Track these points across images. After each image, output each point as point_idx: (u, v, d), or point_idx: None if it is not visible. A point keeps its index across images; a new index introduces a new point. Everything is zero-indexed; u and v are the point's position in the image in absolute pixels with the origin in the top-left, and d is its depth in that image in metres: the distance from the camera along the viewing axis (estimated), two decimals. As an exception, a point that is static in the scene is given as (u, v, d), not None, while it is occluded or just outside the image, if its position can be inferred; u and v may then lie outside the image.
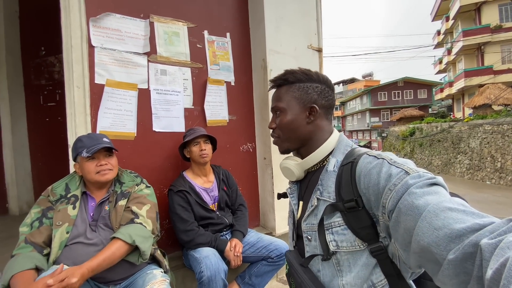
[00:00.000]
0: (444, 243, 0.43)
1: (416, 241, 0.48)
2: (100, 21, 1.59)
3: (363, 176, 0.63)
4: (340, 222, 0.67)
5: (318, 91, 0.78)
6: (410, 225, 0.50)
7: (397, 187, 0.55)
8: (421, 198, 0.50)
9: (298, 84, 0.79)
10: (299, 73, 0.79)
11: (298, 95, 0.78)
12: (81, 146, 1.21)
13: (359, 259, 0.65)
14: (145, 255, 1.20)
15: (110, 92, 1.61)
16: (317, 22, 2.45)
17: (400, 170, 0.57)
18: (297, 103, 0.78)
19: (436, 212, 0.47)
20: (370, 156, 0.66)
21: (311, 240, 0.73)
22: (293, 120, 0.78)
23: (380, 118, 28.90)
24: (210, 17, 2.05)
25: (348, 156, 0.72)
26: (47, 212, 1.18)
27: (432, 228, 0.46)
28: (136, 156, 1.70)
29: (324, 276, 0.71)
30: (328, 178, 0.72)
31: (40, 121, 2.98)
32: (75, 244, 1.17)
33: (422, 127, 14.93)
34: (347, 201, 0.65)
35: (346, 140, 0.78)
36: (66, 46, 1.51)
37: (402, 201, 0.53)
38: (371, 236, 0.63)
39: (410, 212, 0.50)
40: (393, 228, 0.56)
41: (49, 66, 3.00)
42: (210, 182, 1.74)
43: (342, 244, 0.66)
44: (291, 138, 0.79)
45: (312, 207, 0.73)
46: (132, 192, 1.31)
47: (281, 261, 1.65)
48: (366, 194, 0.62)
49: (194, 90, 1.95)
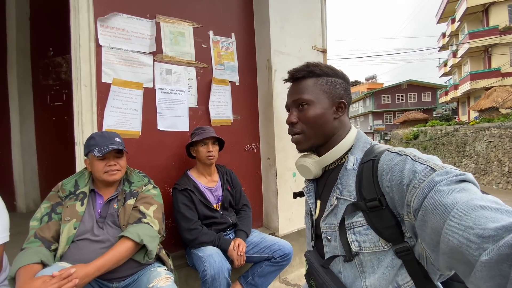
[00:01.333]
0: (476, 243, 0.40)
1: (445, 241, 0.45)
2: (107, 21, 1.61)
3: (385, 173, 0.60)
4: (362, 222, 0.64)
5: (344, 87, 0.77)
6: (438, 224, 0.47)
7: (422, 184, 0.52)
8: (449, 196, 0.47)
9: (326, 78, 0.75)
10: (324, 66, 0.76)
11: (327, 88, 0.75)
12: (93, 144, 1.24)
13: (383, 260, 0.63)
14: (151, 254, 1.22)
15: (117, 91, 1.63)
16: (321, 23, 2.46)
17: (425, 166, 0.54)
18: (326, 97, 0.74)
19: (466, 211, 0.44)
20: (392, 152, 0.63)
21: (330, 240, 0.71)
22: (322, 114, 0.74)
23: (383, 121, 28.74)
24: (216, 18, 2.06)
25: (368, 153, 0.69)
26: (56, 207, 1.20)
27: (462, 228, 0.43)
28: (141, 154, 1.71)
29: (346, 277, 0.68)
30: (347, 177, 0.70)
31: (47, 120, 3.03)
32: (81, 240, 1.18)
33: (426, 130, 14.81)
34: (369, 200, 0.62)
35: (365, 137, 0.76)
36: (75, 45, 1.53)
37: (428, 199, 0.50)
38: (395, 236, 0.60)
39: (437, 211, 0.48)
40: (420, 228, 0.52)
41: (56, 66, 3.05)
42: (214, 181, 1.74)
43: (365, 244, 0.64)
44: (317, 133, 0.75)
45: (331, 206, 0.71)
46: (140, 192, 1.33)
47: (284, 261, 1.65)
48: (389, 192, 0.59)
49: (199, 90, 1.96)
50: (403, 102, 27.99)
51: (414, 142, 15.64)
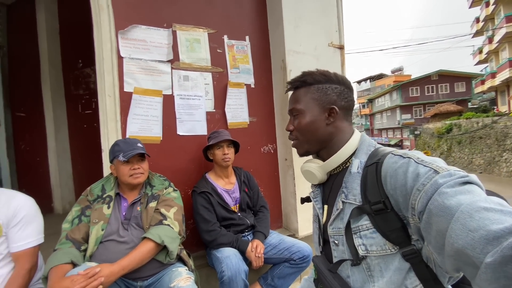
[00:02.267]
0: (481, 245, 0.40)
1: (450, 244, 0.46)
2: (127, 33, 1.70)
3: (389, 176, 0.61)
4: (368, 225, 0.65)
5: (338, 92, 0.77)
6: (443, 227, 0.47)
7: (426, 187, 0.52)
8: (453, 198, 0.47)
9: (316, 86, 0.78)
10: (318, 74, 0.78)
11: (317, 96, 0.77)
12: (118, 150, 1.33)
13: (391, 264, 0.63)
14: (172, 254, 1.27)
15: (138, 99, 1.72)
16: (337, 19, 2.40)
17: (429, 169, 0.54)
18: (316, 105, 0.77)
19: (470, 213, 0.44)
20: (396, 155, 0.63)
21: (338, 244, 0.71)
22: (312, 121, 0.77)
23: (412, 114, 27.24)
24: (230, 22, 2.09)
25: (372, 156, 0.69)
26: (85, 210, 1.30)
27: (466, 230, 0.43)
28: (162, 159, 1.79)
29: (354, 282, 0.68)
30: (352, 180, 0.70)
31: (79, 127, 3.25)
32: (108, 241, 1.27)
33: (460, 123, 13.83)
34: (374, 203, 0.63)
35: (369, 140, 0.76)
36: (98, 58, 1.64)
37: (432, 201, 0.50)
38: (402, 239, 0.60)
39: (441, 213, 0.48)
40: (425, 230, 0.53)
41: (85, 77, 3.26)
42: (231, 183, 1.78)
43: (371, 248, 0.64)
44: (310, 140, 0.78)
45: (337, 210, 0.71)
46: (161, 195, 1.40)
47: (304, 263, 1.64)
48: (394, 195, 0.60)
49: (215, 94, 2.01)
50: (434, 94, 26.34)
51: (447, 136, 14.69)
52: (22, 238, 1.16)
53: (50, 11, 3.12)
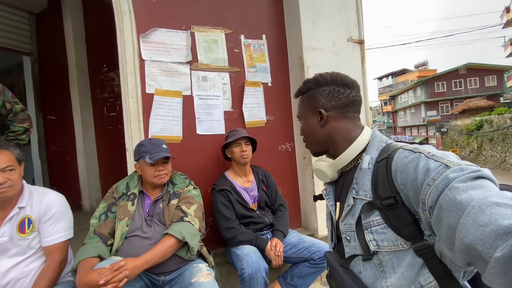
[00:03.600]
0: (491, 240, 0.40)
1: (460, 239, 0.46)
2: (148, 36, 1.76)
3: (399, 171, 0.61)
4: (379, 221, 0.64)
5: (325, 94, 0.79)
6: (454, 222, 0.47)
7: (437, 181, 0.52)
8: (464, 193, 0.47)
9: (308, 93, 0.83)
10: (311, 81, 0.83)
11: (308, 103, 0.83)
12: (144, 151, 1.38)
13: (403, 259, 0.62)
14: (193, 250, 1.30)
15: (159, 100, 1.77)
16: (357, 13, 2.33)
17: (439, 163, 0.54)
18: (308, 111, 0.83)
19: (481, 208, 0.43)
20: (406, 150, 0.63)
21: (350, 240, 0.72)
22: (308, 127, 0.83)
23: (438, 111, 25.91)
24: (246, 21, 2.10)
25: (383, 152, 0.69)
26: (111, 207, 1.36)
27: (477, 225, 0.43)
28: (182, 157, 1.84)
29: (366, 277, 0.68)
30: (363, 176, 0.70)
31: (105, 129, 3.41)
32: (133, 236, 1.32)
33: (492, 119, 12.98)
34: (384, 199, 0.63)
35: (380, 135, 0.76)
36: (122, 62, 1.71)
37: (443, 196, 0.50)
38: (414, 234, 0.60)
39: (452, 208, 0.47)
40: (436, 225, 0.53)
41: (110, 81, 3.41)
42: (249, 182, 1.78)
43: (383, 243, 0.64)
44: (312, 142, 0.84)
45: (348, 206, 0.72)
46: (182, 192, 1.44)
47: (324, 263, 1.61)
48: (404, 190, 0.60)
49: (233, 94, 2.03)
50: (462, 89, 24.90)
51: (477, 133, 13.84)
52: (53, 233, 1.24)
53: (76, 18, 3.30)
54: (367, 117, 2.33)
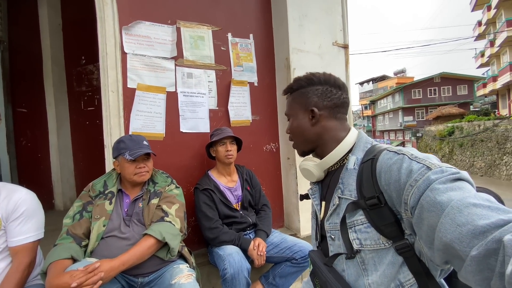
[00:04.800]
0: (467, 239, 0.43)
1: (439, 238, 0.48)
2: (131, 29, 1.69)
3: (383, 172, 0.62)
4: (362, 220, 0.66)
5: (319, 93, 0.79)
6: (433, 221, 0.49)
7: (418, 183, 0.54)
8: (444, 194, 0.49)
9: (300, 90, 0.82)
10: (303, 79, 0.82)
11: (299, 101, 0.82)
12: (123, 147, 1.32)
13: (384, 258, 0.64)
14: (173, 251, 1.26)
15: (141, 96, 1.71)
16: (342, 18, 2.38)
17: (422, 165, 0.56)
18: (299, 109, 0.82)
19: (459, 208, 0.46)
20: (391, 151, 0.65)
21: (334, 239, 0.73)
22: (298, 125, 0.82)
23: (415, 117, 27.20)
24: (234, 20, 2.08)
25: (368, 153, 0.71)
26: (87, 206, 1.29)
27: (455, 225, 0.45)
28: (165, 155, 1.78)
29: (349, 275, 0.70)
30: (348, 176, 0.72)
31: (81, 124, 3.25)
32: (110, 237, 1.26)
33: (462, 126, 13.81)
34: (368, 198, 0.64)
35: (366, 137, 0.78)
36: (102, 54, 1.63)
37: (424, 197, 0.52)
38: (395, 233, 0.62)
39: (432, 208, 0.50)
40: (417, 225, 0.55)
41: (88, 73, 3.26)
42: (233, 181, 1.77)
43: (366, 242, 0.65)
44: (301, 141, 0.83)
45: (334, 206, 0.73)
46: (163, 191, 1.39)
47: (305, 263, 1.63)
48: (388, 190, 0.61)
49: (218, 92, 2.00)
50: (436, 96, 26.29)
51: (449, 139, 14.65)
52: (21, 233, 1.15)
53: (52, 6, 3.12)
54: (350, 119, 2.39)
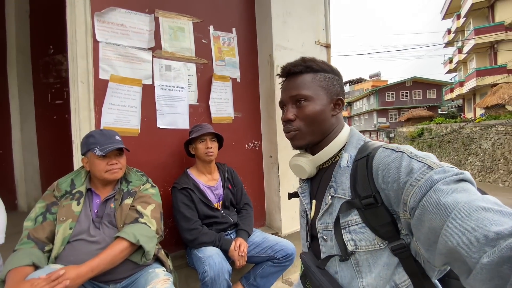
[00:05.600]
0: (477, 245, 0.40)
1: (443, 242, 0.45)
2: (105, 15, 1.57)
3: (381, 170, 0.59)
4: (357, 220, 0.63)
5: (340, 84, 0.75)
6: (437, 224, 0.46)
7: (420, 182, 0.51)
8: (449, 196, 0.46)
9: (323, 74, 0.73)
10: (320, 62, 0.74)
11: (325, 84, 0.72)
12: (93, 142, 1.21)
13: (379, 259, 0.61)
14: (149, 255, 1.18)
15: (115, 88, 1.59)
16: (325, 18, 2.39)
17: (423, 164, 0.53)
18: (324, 93, 0.72)
19: (468, 212, 0.43)
20: (388, 149, 0.61)
21: (327, 240, 0.70)
22: (321, 111, 0.71)
23: (388, 118, 28.48)
24: (216, 12, 2.01)
25: (362, 150, 0.68)
26: (51, 207, 1.17)
27: (463, 229, 0.42)
28: (140, 152, 1.68)
29: (342, 278, 0.67)
30: (342, 174, 0.68)
31: (48, 118, 3.01)
32: (77, 241, 1.15)
33: (431, 127, 14.64)
34: (364, 198, 0.61)
35: (358, 134, 0.74)
36: (71, 41, 1.50)
37: (427, 198, 0.49)
38: (391, 234, 0.59)
39: (436, 210, 0.47)
40: (415, 226, 0.52)
41: (57, 64, 3.02)
42: (214, 180, 1.70)
43: (360, 243, 0.62)
44: (315, 131, 0.72)
45: (326, 205, 0.69)
46: (138, 191, 1.30)
47: (287, 262, 1.61)
48: (385, 190, 0.58)
49: (199, 86, 1.92)
50: (408, 99, 27.69)
51: (419, 139, 15.47)
52: None
53: (19, -10, 2.86)
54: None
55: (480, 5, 16.82)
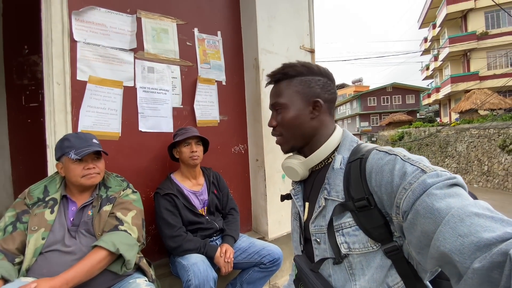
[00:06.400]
0: (469, 251, 0.40)
1: (436, 246, 0.45)
2: (83, 14, 1.51)
3: (374, 173, 0.59)
4: (351, 223, 0.62)
5: (321, 84, 0.74)
6: (429, 228, 0.47)
7: (413, 186, 0.51)
8: (442, 201, 0.47)
9: (299, 78, 0.74)
10: (299, 66, 0.74)
11: (300, 89, 0.73)
12: (68, 146, 1.14)
13: (372, 261, 0.61)
14: (129, 264, 1.12)
15: (93, 90, 1.52)
16: (309, 23, 2.43)
17: (416, 168, 0.53)
18: (300, 98, 0.73)
19: (461, 217, 0.43)
20: (381, 151, 0.62)
21: (320, 243, 0.69)
22: (296, 116, 0.73)
23: (370, 122, 29.38)
24: (201, 15, 1.99)
25: (355, 152, 0.68)
26: (22, 216, 1.10)
27: (456, 235, 0.43)
28: (120, 157, 1.61)
29: (336, 281, 0.66)
30: (335, 176, 0.68)
31: (22, 122, 2.84)
32: (51, 251, 1.08)
33: (410, 131, 15.22)
34: (357, 200, 0.61)
35: (351, 136, 0.75)
36: (46, 40, 1.42)
37: (420, 202, 0.49)
38: (384, 236, 0.59)
39: (429, 215, 0.47)
40: (408, 230, 0.52)
41: (32, 65, 2.87)
42: (199, 185, 1.66)
43: (354, 245, 0.62)
44: (296, 135, 0.75)
45: (320, 207, 0.69)
46: (118, 197, 1.24)
47: (274, 266, 1.58)
48: (378, 192, 0.58)
49: (183, 89, 1.88)
50: (388, 104, 28.72)
51: (399, 143, 16.02)
52: None
53: (-10, -13, 2.71)
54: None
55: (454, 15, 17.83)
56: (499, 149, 8.56)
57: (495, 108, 11.82)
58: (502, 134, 8.49)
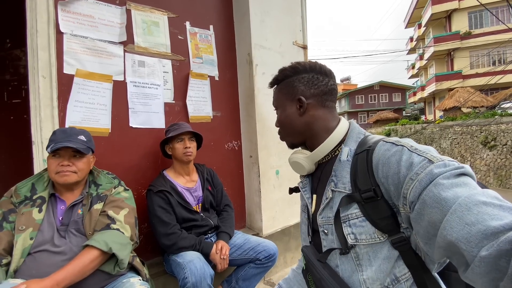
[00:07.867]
0: (476, 239, 0.40)
1: (443, 236, 0.45)
2: (70, 5, 1.44)
3: (381, 164, 0.59)
4: (357, 214, 0.63)
5: (305, 81, 0.76)
6: (437, 218, 0.47)
7: (420, 176, 0.51)
8: (449, 190, 0.46)
9: (286, 80, 0.79)
10: (288, 69, 0.79)
11: (285, 91, 0.79)
12: (52, 139, 1.10)
13: (379, 252, 0.61)
14: (122, 263, 1.09)
15: (81, 84, 1.47)
16: (301, 19, 2.43)
17: (423, 158, 0.53)
18: (285, 99, 0.78)
19: (468, 206, 0.43)
20: (388, 142, 0.61)
21: (327, 234, 0.70)
22: (286, 116, 0.79)
23: (358, 120, 29.84)
24: (193, 8, 1.95)
25: (362, 144, 0.68)
26: (8, 215, 1.05)
27: (463, 223, 0.42)
28: (110, 154, 1.56)
29: (343, 271, 0.67)
30: (342, 168, 0.68)
31: (4, 119, 2.71)
32: (39, 252, 1.04)
33: (397, 128, 15.57)
34: (364, 191, 0.61)
35: (358, 128, 0.75)
36: (31, 31, 1.35)
37: (427, 192, 0.49)
38: (391, 227, 0.59)
39: (436, 204, 0.47)
40: (415, 220, 0.52)
41: (14, 59, 2.74)
42: (193, 181, 1.63)
43: (361, 236, 0.62)
44: (290, 133, 0.80)
45: (327, 199, 0.70)
46: (109, 195, 1.20)
47: (269, 262, 1.58)
48: (385, 183, 0.58)
49: (175, 84, 1.83)
50: (376, 102, 29.28)
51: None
52: None
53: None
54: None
55: (438, 15, 18.32)
56: (481, 145, 8.88)
57: (478, 106, 12.26)
58: (484, 131, 8.81)
